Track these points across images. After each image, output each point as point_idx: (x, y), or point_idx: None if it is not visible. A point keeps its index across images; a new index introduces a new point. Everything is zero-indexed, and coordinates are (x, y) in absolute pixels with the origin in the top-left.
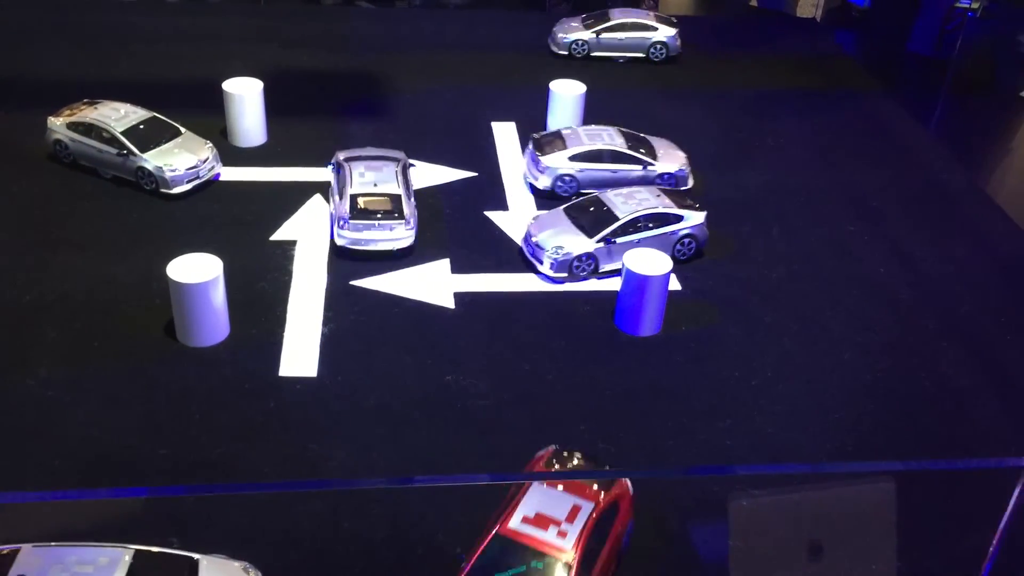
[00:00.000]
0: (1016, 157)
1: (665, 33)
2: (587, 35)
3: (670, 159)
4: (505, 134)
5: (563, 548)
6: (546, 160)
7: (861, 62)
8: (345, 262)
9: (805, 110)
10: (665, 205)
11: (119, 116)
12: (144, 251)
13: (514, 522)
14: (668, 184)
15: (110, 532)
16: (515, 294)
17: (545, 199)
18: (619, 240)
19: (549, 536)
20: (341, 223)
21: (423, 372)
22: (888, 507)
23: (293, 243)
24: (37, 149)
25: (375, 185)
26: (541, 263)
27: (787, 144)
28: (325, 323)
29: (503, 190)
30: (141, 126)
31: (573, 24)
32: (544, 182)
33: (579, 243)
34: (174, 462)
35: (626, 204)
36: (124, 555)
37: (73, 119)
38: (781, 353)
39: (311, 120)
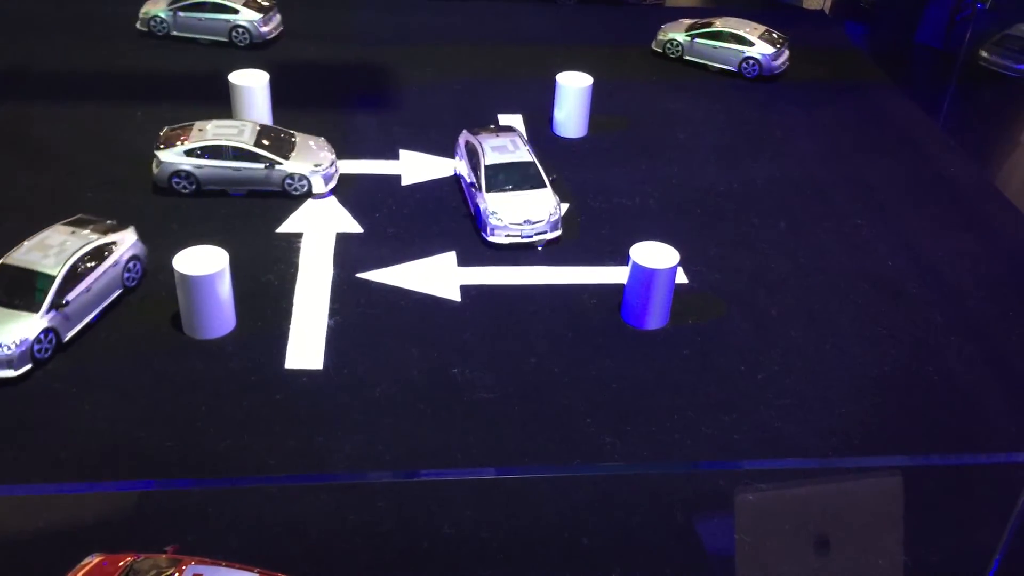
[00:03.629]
0: None
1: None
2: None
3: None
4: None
5: None
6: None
7: (869, 54)
8: (350, 254)
9: (813, 102)
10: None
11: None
12: (150, 243)
13: None
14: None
15: (115, 526)
16: (521, 287)
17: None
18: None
19: None
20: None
21: (429, 364)
22: (895, 502)
23: (299, 236)
24: (43, 142)
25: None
26: None
27: (795, 136)
28: (331, 315)
29: None
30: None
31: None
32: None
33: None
34: (180, 454)
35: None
36: None
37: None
38: (788, 346)
39: (317, 112)
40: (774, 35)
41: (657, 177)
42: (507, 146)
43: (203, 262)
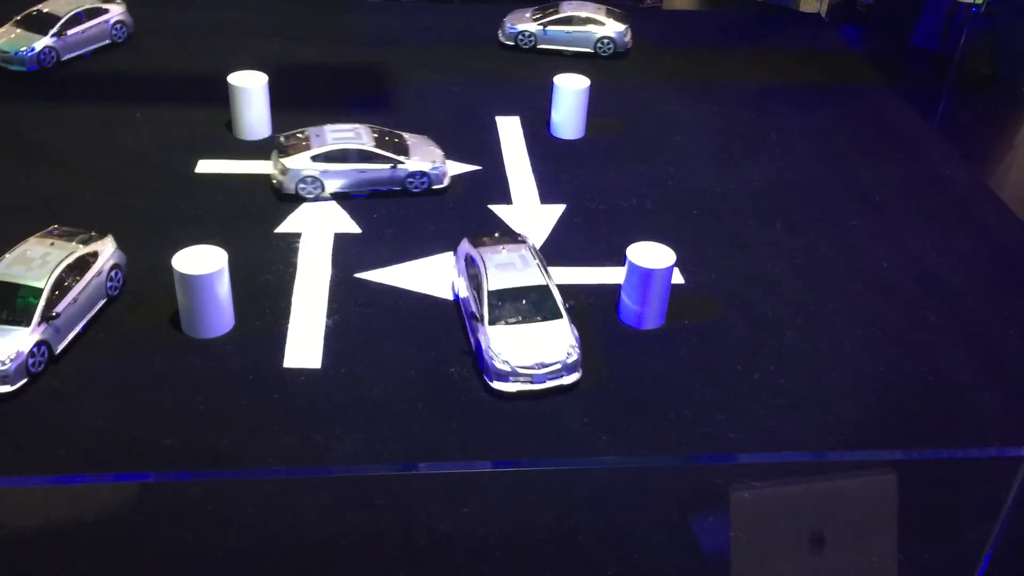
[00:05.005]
0: (1020, 152)
1: (613, 28)
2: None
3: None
4: (509, 128)
5: None
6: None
7: (865, 57)
8: (349, 255)
9: (809, 105)
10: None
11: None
12: (149, 243)
13: None
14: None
15: (98, 530)
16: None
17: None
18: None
19: None
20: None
21: (427, 364)
22: (889, 499)
23: (297, 236)
24: (40, 143)
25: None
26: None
27: (791, 139)
28: (329, 315)
29: (507, 184)
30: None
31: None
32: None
33: None
34: (179, 453)
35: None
36: None
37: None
38: (783, 347)
39: (316, 113)
40: (617, 13)
41: (654, 178)
42: (515, 263)
43: (202, 262)
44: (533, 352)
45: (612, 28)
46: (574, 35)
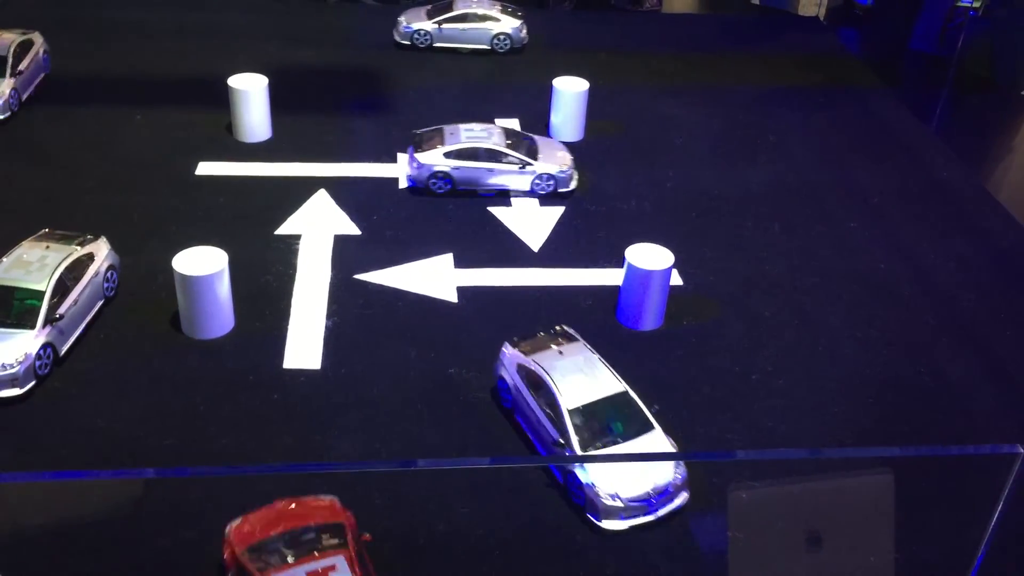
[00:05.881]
0: (1017, 155)
1: (509, 24)
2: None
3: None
4: None
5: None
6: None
7: (864, 60)
8: (348, 256)
9: (807, 107)
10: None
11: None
12: (150, 244)
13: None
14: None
15: (99, 529)
16: (517, 288)
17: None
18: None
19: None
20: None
21: (426, 365)
22: (886, 500)
23: (297, 237)
24: (41, 144)
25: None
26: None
27: (789, 141)
28: (329, 316)
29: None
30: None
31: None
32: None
33: None
34: (179, 453)
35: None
36: None
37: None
38: (781, 348)
39: (316, 116)
40: (510, 9)
41: (653, 180)
42: (580, 367)
43: (202, 263)
44: (640, 478)
45: (508, 24)
46: (469, 32)
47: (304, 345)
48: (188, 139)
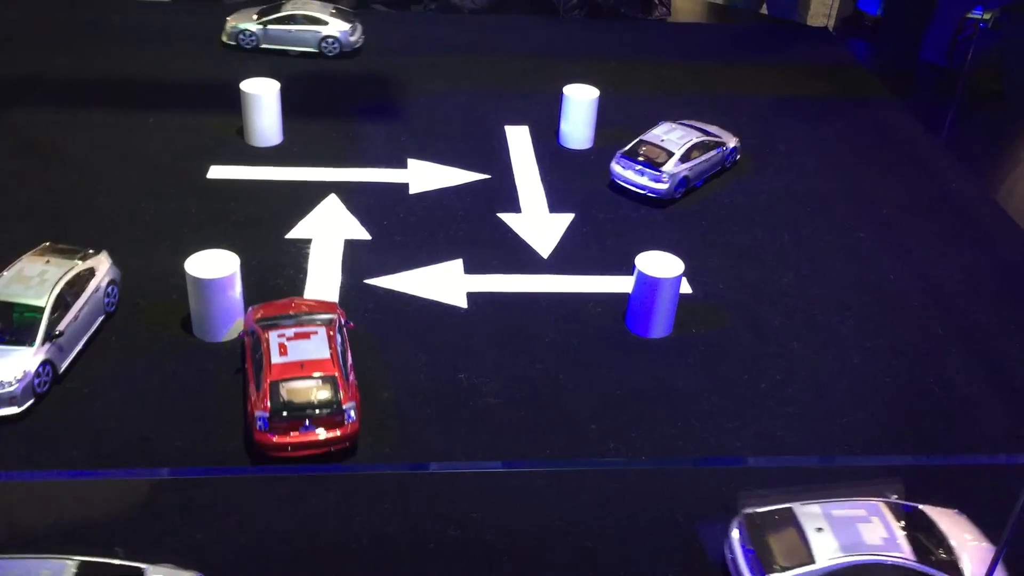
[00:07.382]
0: None
1: (337, 28)
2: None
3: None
4: (518, 137)
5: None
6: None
7: (873, 71)
8: (359, 261)
9: (816, 118)
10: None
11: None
12: (161, 247)
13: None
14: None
15: (109, 530)
16: (527, 295)
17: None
18: None
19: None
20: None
21: (435, 370)
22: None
23: (308, 241)
24: (55, 147)
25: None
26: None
27: (798, 151)
28: None
29: (516, 192)
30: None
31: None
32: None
33: None
34: (189, 454)
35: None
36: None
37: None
38: (790, 356)
39: (326, 121)
40: (343, 11)
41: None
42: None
43: (214, 266)
44: None
45: (336, 27)
46: (295, 34)
47: None
48: (200, 143)
